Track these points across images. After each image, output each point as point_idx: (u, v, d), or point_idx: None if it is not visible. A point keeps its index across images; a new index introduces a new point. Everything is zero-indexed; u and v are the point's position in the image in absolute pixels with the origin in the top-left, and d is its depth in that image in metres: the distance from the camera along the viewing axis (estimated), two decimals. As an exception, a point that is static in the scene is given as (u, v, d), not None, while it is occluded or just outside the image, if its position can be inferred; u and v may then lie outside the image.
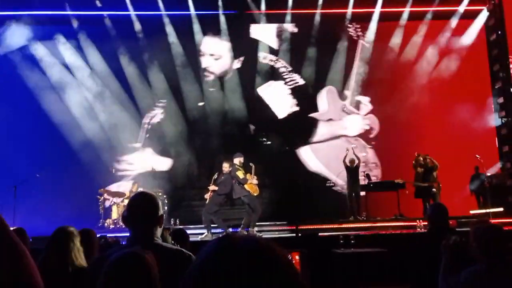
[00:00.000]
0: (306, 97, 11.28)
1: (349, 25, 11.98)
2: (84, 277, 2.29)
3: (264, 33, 10.32)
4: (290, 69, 10.64)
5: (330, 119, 9.96)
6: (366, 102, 10.40)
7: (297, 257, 7.06)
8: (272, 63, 10.58)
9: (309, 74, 11.66)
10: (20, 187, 10.45)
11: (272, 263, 0.82)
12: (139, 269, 1.64)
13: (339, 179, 10.72)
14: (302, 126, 11.07)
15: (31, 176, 11.02)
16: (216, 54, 10.36)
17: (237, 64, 10.52)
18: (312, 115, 10.64)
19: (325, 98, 10.03)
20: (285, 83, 10.64)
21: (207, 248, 0.86)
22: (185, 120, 12.88)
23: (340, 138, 10.04)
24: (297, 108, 10.49)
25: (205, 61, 10.42)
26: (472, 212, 11.46)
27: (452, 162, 11.23)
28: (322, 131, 10.24)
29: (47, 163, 11.82)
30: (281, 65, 10.39)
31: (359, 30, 12.37)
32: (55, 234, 3.14)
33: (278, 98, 10.18)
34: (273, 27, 10.95)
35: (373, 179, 11.26)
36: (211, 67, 10.41)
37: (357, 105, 10.50)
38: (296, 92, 11.04)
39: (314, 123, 10.77)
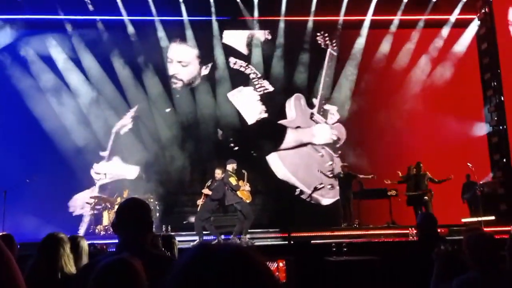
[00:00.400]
0: (274, 104, 11.29)
1: (318, 34, 11.92)
2: (73, 284, 2.26)
3: (235, 39, 10.36)
4: (259, 75, 10.64)
5: (298, 127, 10.01)
6: (334, 111, 10.47)
7: (281, 264, 7.03)
8: (242, 69, 10.58)
9: (279, 81, 11.66)
10: (10, 192, 10.31)
11: (249, 271, 0.81)
12: (127, 276, 1.62)
13: (306, 187, 10.60)
14: (271, 132, 11.01)
15: (22, 181, 10.91)
16: (184, 61, 10.40)
17: (205, 70, 10.62)
18: (280, 122, 10.62)
19: (293, 106, 10.10)
20: (255, 89, 10.61)
21: (185, 255, 0.86)
22: (180, 125, 12.76)
23: (307, 146, 9.98)
24: (265, 115, 10.51)
25: (172, 68, 10.35)
26: (464, 220, 11.49)
27: (443, 170, 11.27)
28: (290, 138, 10.26)
29: (38, 168, 11.72)
30: (251, 71, 10.37)
31: (327, 38, 12.20)
32: (45, 240, 3.12)
33: (248, 104, 10.25)
34: (245, 33, 10.96)
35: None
36: (179, 73, 10.44)
37: (325, 114, 10.55)
38: (265, 98, 11.02)
39: (282, 130, 10.71)
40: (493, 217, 11.10)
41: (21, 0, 12.23)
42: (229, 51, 11.43)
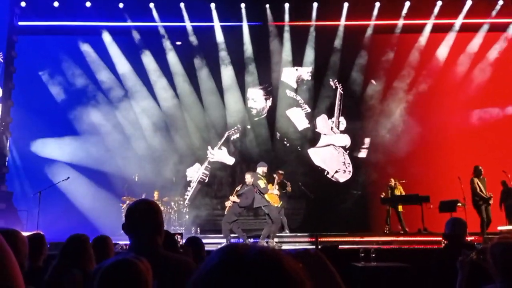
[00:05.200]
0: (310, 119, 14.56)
1: (330, 80, 14.25)
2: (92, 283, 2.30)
3: (288, 76, 14.37)
4: (302, 101, 14.36)
5: (325, 134, 14.42)
6: (343, 122, 14.40)
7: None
8: (293, 96, 14.44)
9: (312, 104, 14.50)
10: (44, 193, 10.61)
11: (279, 277, 0.77)
12: (130, 276, 1.64)
13: (330, 170, 14.19)
14: (311, 136, 14.49)
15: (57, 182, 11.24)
16: (255, 98, 14.34)
17: (269, 102, 14.42)
18: (317, 130, 14.51)
19: (320, 121, 14.33)
20: (302, 109, 14.41)
21: (212, 258, 0.81)
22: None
23: (330, 146, 14.34)
24: (308, 125, 14.35)
25: (249, 103, 14.38)
26: (500, 228, 11.10)
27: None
28: (322, 140, 14.44)
29: (75, 171, 12.07)
30: (298, 98, 14.37)
31: (336, 81, 14.33)
32: (68, 241, 3.23)
33: (298, 118, 14.38)
34: (295, 74, 14.44)
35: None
36: (253, 105, 14.42)
37: (338, 124, 14.43)
38: (307, 115, 14.48)
39: (318, 135, 14.42)
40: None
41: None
42: (286, 85, 14.48)
